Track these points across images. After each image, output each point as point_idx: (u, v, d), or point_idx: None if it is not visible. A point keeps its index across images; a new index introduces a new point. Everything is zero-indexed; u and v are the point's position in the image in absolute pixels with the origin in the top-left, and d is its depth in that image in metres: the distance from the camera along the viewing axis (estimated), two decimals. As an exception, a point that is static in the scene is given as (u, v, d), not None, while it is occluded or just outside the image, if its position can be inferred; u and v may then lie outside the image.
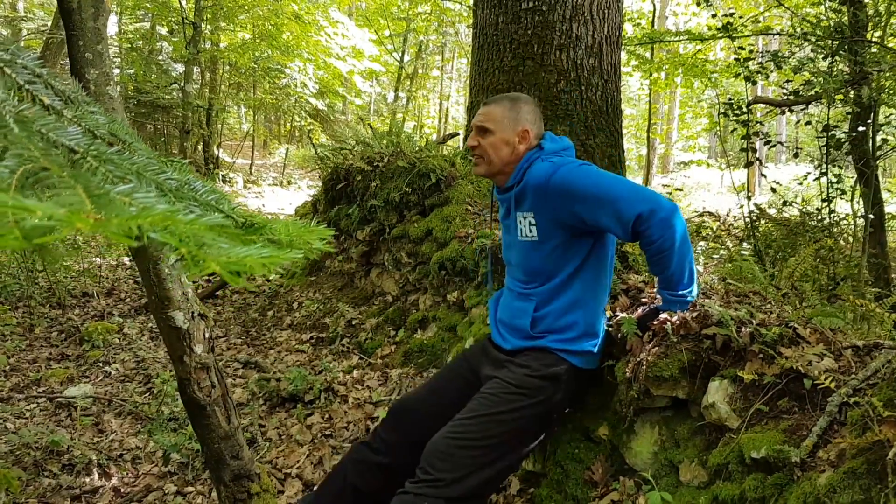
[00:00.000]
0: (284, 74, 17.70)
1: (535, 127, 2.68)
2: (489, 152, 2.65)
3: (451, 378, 2.83)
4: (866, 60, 4.81)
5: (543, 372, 2.52)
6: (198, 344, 2.42)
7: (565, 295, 2.59)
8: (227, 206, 0.93)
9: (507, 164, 2.65)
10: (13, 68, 0.97)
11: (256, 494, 2.60)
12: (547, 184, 2.48)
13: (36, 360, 5.07)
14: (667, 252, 2.42)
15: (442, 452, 2.38)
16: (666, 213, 2.38)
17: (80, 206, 0.56)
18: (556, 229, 2.54)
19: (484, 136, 2.66)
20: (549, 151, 2.63)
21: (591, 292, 2.62)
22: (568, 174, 2.47)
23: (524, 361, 2.57)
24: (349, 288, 6.04)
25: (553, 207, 2.50)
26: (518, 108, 2.67)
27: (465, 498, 2.35)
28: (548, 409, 2.54)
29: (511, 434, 2.45)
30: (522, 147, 2.64)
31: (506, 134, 2.63)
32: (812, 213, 5.05)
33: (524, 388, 2.49)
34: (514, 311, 2.70)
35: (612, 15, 5.11)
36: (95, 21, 2.23)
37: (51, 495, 3.26)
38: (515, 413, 2.46)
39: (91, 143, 0.81)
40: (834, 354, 2.24)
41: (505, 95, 2.75)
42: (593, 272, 2.62)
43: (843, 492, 1.73)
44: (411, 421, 2.71)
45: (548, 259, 2.58)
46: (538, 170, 2.55)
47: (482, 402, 2.49)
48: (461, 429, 2.42)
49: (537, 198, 2.53)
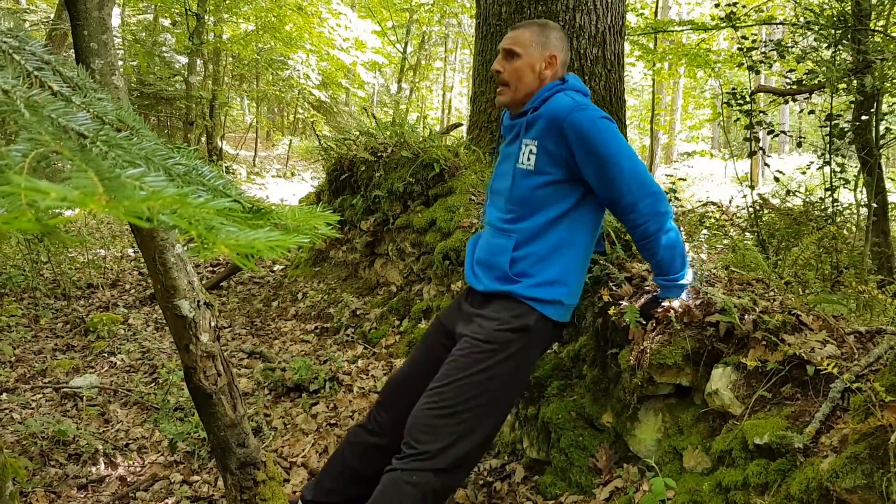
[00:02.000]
0: (287, 66, 17.68)
1: (562, 54, 2.60)
2: (514, 77, 2.57)
3: (428, 345, 2.77)
4: (869, 49, 4.80)
5: (513, 324, 2.46)
6: (203, 333, 2.43)
7: (546, 238, 2.51)
8: (235, 192, 0.94)
9: (531, 89, 2.57)
10: (22, 55, 0.98)
11: (262, 482, 2.61)
12: (565, 118, 2.40)
13: (41, 351, 5.09)
14: (652, 237, 2.40)
15: (423, 424, 2.36)
16: (652, 200, 2.37)
17: (92, 189, 0.57)
18: (553, 164, 2.46)
19: (510, 61, 2.57)
20: (572, 87, 2.56)
21: (572, 242, 2.53)
22: (588, 120, 2.39)
23: (493, 313, 2.50)
24: (353, 278, 6.06)
25: (559, 142, 2.43)
26: (547, 33, 2.58)
27: (452, 468, 2.34)
28: (520, 361, 2.49)
29: (488, 394, 2.41)
30: (548, 73, 2.57)
31: (533, 58, 2.55)
32: (815, 203, 5.04)
33: (494, 343, 2.44)
34: (492, 248, 2.59)
35: (616, 5, 5.10)
36: (100, 11, 2.24)
37: (57, 484, 3.28)
38: (489, 371, 2.41)
39: (100, 129, 0.82)
40: (836, 341, 2.25)
41: (534, 20, 2.65)
42: (579, 224, 2.54)
43: (845, 476, 1.74)
44: (399, 398, 2.68)
45: (537, 191, 2.50)
46: (559, 101, 2.47)
47: (454, 366, 2.44)
48: (437, 397, 2.40)
49: (548, 127, 2.46)
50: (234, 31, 17.02)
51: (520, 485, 3.00)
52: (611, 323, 2.83)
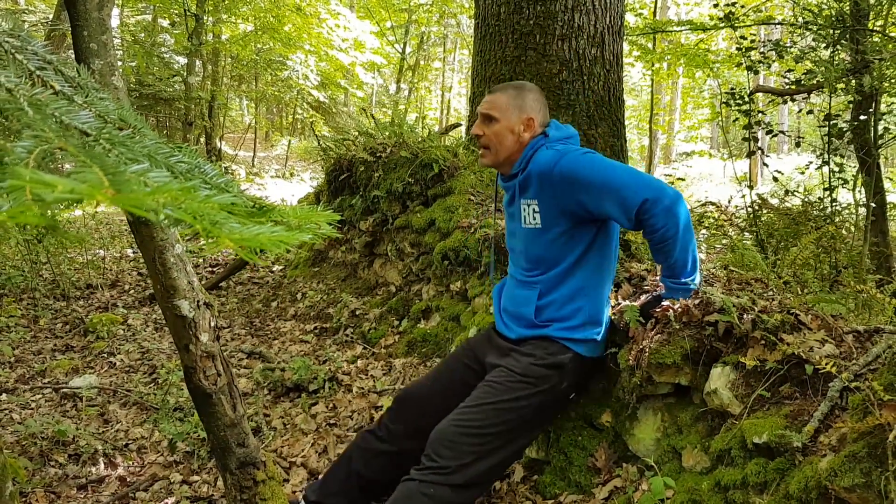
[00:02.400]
0: (286, 66, 17.69)
1: (539, 115, 2.67)
2: (494, 141, 2.65)
3: (455, 367, 2.84)
4: (868, 49, 4.81)
5: (548, 361, 2.54)
6: (203, 333, 2.43)
7: (569, 283, 2.60)
8: (236, 190, 0.95)
9: (512, 152, 2.65)
10: (24, 55, 0.98)
11: (262, 482, 2.62)
12: (552, 171, 2.49)
13: (41, 352, 5.09)
14: (670, 240, 2.43)
15: (447, 440, 2.40)
16: (670, 201, 2.38)
17: (98, 183, 0.58)
18: (560, 217, 2.54)
19: (489, 125, 2.65)
20: (553, 139, 2.63)
21: (594, 280, 2.63)
22: (573, 162, 2.47)
23: (529, 350, 2.59)
24: (353, 278, 6.06)
25: (557, 195, 2.50)
26: (523, 97, 2.66)
27: (469, 485, 2.38)
28: (552, 397, 2.56)
29: (515, 422, 2.48)
30: (527, 135, 2.64)
31: (511, 122, 2.63)
32: (814, 203, 5.05)
33: (529, 377, 2.51)
34: (517, 300, 2.70)
35: (614, 5, 5.11)
36: (100, 11, 2.24)
37: (57, 485, 3.28)
38: (520, 402, 2.48)
39: (103, 127, 0.82)
40: (835, 340, 2.26)
41: (509, 84, 2.74)
42: (597, 260, 2.62)
43: (844, 475, 1.75)
44: (415, 410, 2.73)
45: (551, 246, 2.59)
46: (543, 157, 2.55)
47: (487, 391, 2.50)
48: (466, 417, 2.44)
49: (542, 185, 2.54)
50: (233, 31, 17.02)
51: (519, 484, 3.00)
52: (610, 322, 2.84)
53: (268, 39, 16.05)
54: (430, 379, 2.87)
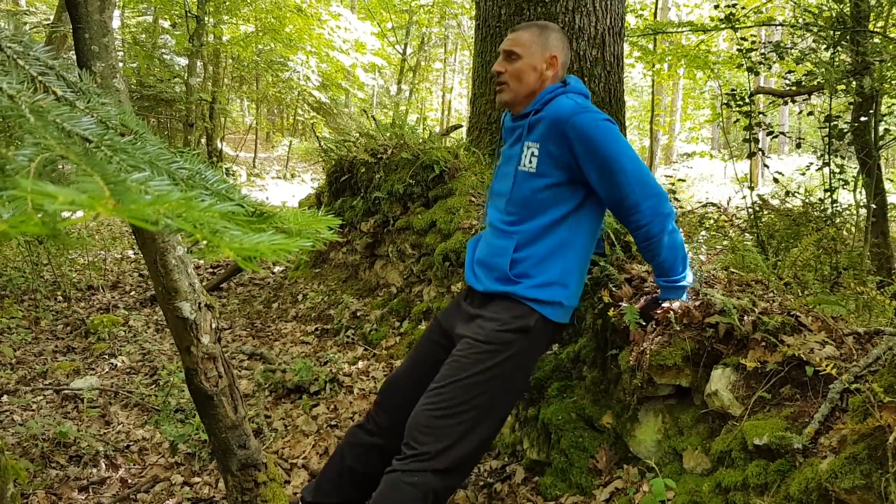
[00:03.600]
0: (287, 68, 17.70)
1: (562, 54, 2.61)
2: (516, 78, 2.57)
3: (428, 346, 2.77)
4: (868, 51, 4.81)
5: (513, 325, 2.46)
6: (205, 334, 2.43)
7: (548, 239, 2.51)
8: (238, 196, 0.95)
9: (533, 90, 2.58)
10: (26, 60, 0.99)
11: (263, 483, 2.62)
12: (567, 121, 2.41)
13: (42, 353, 5.10)
14: (654, 238, 2.41)
15: (423, 425, 2.36)
16: (655, 201, 2.37)
17: (99, 193, 0.58)
18: (556, 167, 2.47)
19: (511, 62, 2.58)
20: (574, 90, 2.57)
21: (572, 245, 2.54)
22: (592, 123, 2.40)
23: (493, 314, 2.51)
24: (353, 279, 6.06)
25: (561, 145, 2.43)
26: (547, 34, 2.59)
27: (454, 467, 2.34)
28: (520, 362, 2.49)
29: (488, 394, 2.41)
30: (550, 73, 2.58)
31: (534, 59, 2.56)
32: (815, 204, 5.05)
33: (494, 343, 2.44)
34: (493, 249, 2.60)
35: (615, 6, 5.11)
36: (101, 14, 2.25)
37: (58, 486, 3.28)
38: (488, 372, 2.41)
39: (104, 133, 0.83)
40: (835, 342, 2.26)
41: (533, 22, 2.67)
42: (579, 227, 2.54)
43: (844, 477, 1.75)
44: (396, 398, 2.68)
45: (538, 194, 2.50)
46: (562, 104, 2.48)
47: (454, 367, 2.44)
48: (437, 398, 2.40)
49: (550, 130, 2.46)
50: (234, 32, 17.03)
51: (520, 486, 3.01)
52: (610, 324, 2.84)
53: (269, 40, 16.05)
54: (406, 364, 2.81)
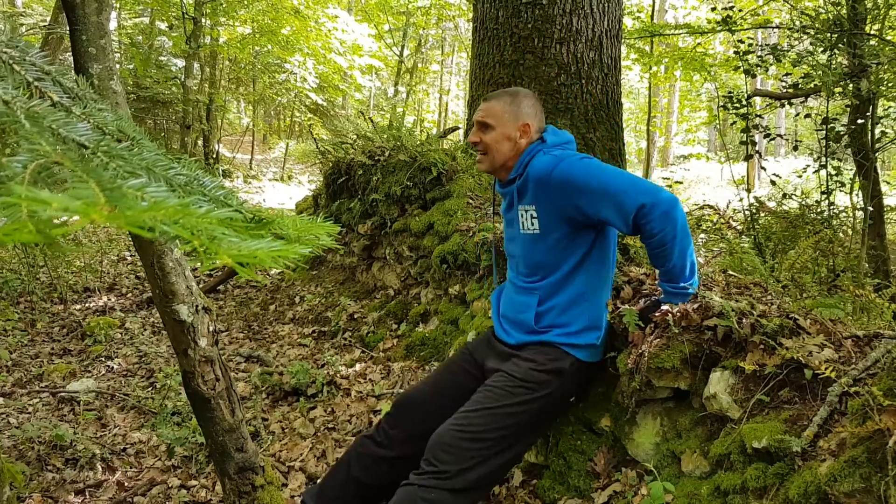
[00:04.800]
0: (284, 69, 17.69)
1: (535, 121, 2.68)
2: (491, 148, 2.66)
3: (454, 371, 2.84)
4: (865, 53, 4.82)
5: (548, 366, 2.54)
6: (202, 337, 2.43)
7: (568, 289, 2.61)
8: (236, 202, 0.95)
9: (508, 158, 2.66)
10: (23, 65, 0.98)
11: (261, 487, 2.61)
12: (549, 177, 2.49)
13: (38, 355, 5.08)
14: (668, 245, 2.43)
15: (447, 444, 2.39)
16: (667, 206, 2.38)
17: (94, 199, 0.57)
18: (558, 222, 2.54)
19: (485, 132, 2.66)
20: (551, 144, 2.64)
21: (593, 285, 2.63)
22: (570, 167, 2.48)
23: (529, 355, 2.58)
24: (351, 282, 6.05)
25: (555, 200, 2.51)
26: (518, 103, 2.67)
27: (469, 489, 2.37)
28: (552, 402, 2.56)
29: (515, 427, 2.47)
30: (524, 141, 2.65)
31: (507, 129, 2.64)
32: (811, 206, 5.05)
33: (529, 382, 2.51)
34: (517, 306, 2.71)
35: (612, 9, 5.11)
36: (98, 16, 2.24)
37: (55, 489, 3.27)
38: (521, 406, 2.47)
39: (101, 140, 0.82)
40: (834, 345, 2.26)
41: (505, 91, 2.75)
42: (596, 265, 2.63)
43: (843, 480, 1.75)
44: (414, 414, 2.72)
45: (550, 252, 2.59)
46: (540, 163, 2.56)
47: (488, 395, 2.50)
48: (466, 421, 2.44)
49: (539, 191, 2.54)
50: (231, 34, 17.01)
51: (518, 489, 3.00)
52: (609, 326, 2.83)
53: (266, 42, 16.04)
54: (429, 383, 2.86)
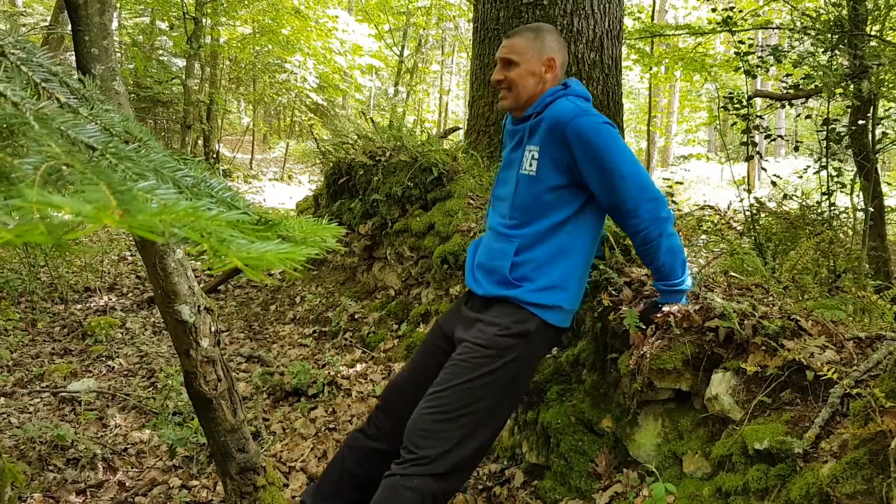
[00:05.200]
0: (284, 69, 17.68)
1: (560, 55, 2.61)
2: (516, 83, 2.57)
3: (429, 350, 2.76)
4: (866, 54, 4.82)
5: (513, 329, 2.46)
6: (204, 338, 2.43)
7: (548, 243, 2.51)
8: (243, 204, 0.95)
9: (534, 94, 2.58)
10: (29, 66, 0.98)
11: (262, 487, 2.62)
12: (567, 124, 2.41)
13: (39, 355, 5.08)
14: (653, 243, 2.40)
15: (422, 429, 2.35)
16: (655, 206, 2.37)
17: (105, 203, 0.58)
18: (555, 169, 2.47)
19: (509, 69, 2.58)
20: (574, 93, 2.56)
21: (574, 248, 2.53)
22: (591, 125, 2.40)
23: (494, 318, 2.50)
24: (351, 282, 6.06)
25: (561, 148, 2.43)
26: (542, 37, 2.59)
27: (452, 471, 2.33)
28: (520, 366, 2.49)
29: (488, 399, 2.41)
30: (549, 76, 2.58)
31: (531, 64, 2.56)
32: (812, 207, 5.06)
33: (494, 348, 2.43)
34: (493, 253, 2.59)
35: (613, 9, 5.11)
36: (101, 16, 2.24)
37: (56, 489, 3.27)
38: (488, 376, 2.41)
39: (109, 141, 0.82)
40: (836, 346, 2.26)
41: (527, 26, 2.66)
42: (581, 227, 2.54)
43: (845, 482, 1.75)
44: (399, 403, 2.67)
45: (539, 198, 2.50)
46: (561, 107, 2.48)
47: (454, 370, 2.44)
48: (437, 402, 2.39)
49: (549, 133, 2.46)
50: (232, 34, 17.01)
51: (519, 489, 3.00)
52: (610, 328, 2.83)
53: (266, 42, 16.04)
54: (407, 368, 2.80)
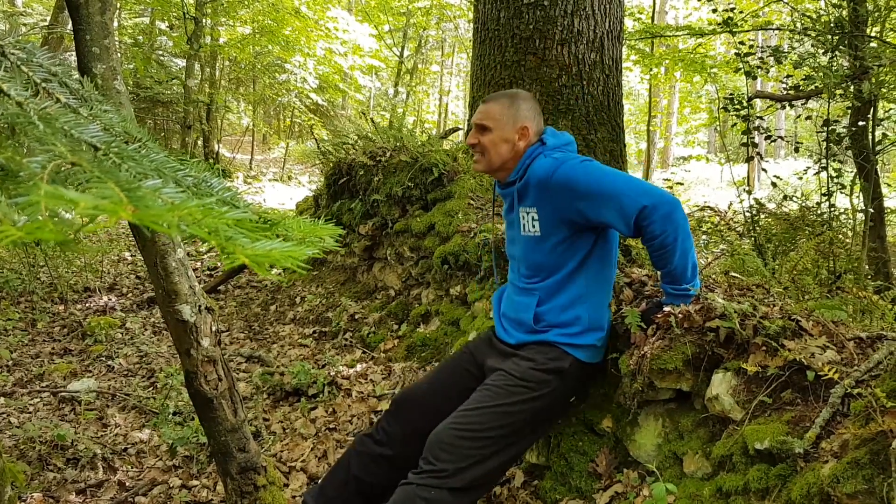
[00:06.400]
0: (284, 70, 17.68)
1: (534, 123, 2.68)
2: (489, 150, 2.66)
3: (454, 369, 2.84)
4: (866, 55, 4.82)
5: (548, 366, 2.54)
6: (205, 337, 2.43)
7: (568, 290, 2.61)
8: (243, 203, 0.95)
9: (506, 160, 2.67)
10: (30, 66, 0.98)
11: (263, 487, 2.62)
12: (549, 180, 2.50)
13: (39, 355, 5.08)
14: (669, 246, 2.43)
15: (445, 443, 2.39)
16: (668, 208, 2.39)
17: (118, 199, 0.58)
18: (559, 225, 2.55)
19: (483, 134, 2.66)
20: (551, 147, 2.64)
21: (594, 287, 2.63)
22: (570, 170, 2.48)
23: (529, 355, 2.58)
24: (352, 282, 6.06)
25: (556, 203, 2.51)
26: (517, 105, 2.67)
27: (468, 488, 2.37)
28: (552, 402, 2.56)
29: (514, 426, 2.47)
30: (522, 144, 2.65)
31: (505, 132, 2.64)
32: (812, 208, 5.06)
33: (529, 382, 2.51)
34: (517, 306, 2.71)
35: (614, 10, 5.11)
36: (102, 16, 2.24)
37: (56, 489, 3.27)
38: (519, 406, 2.47)
39: (112, 141, 0.82)
40: (836, 346, 2.26)
41: (503, 93, 2.75)
42: (597, 267, 2.63)
43: (846, 482, 1.75)
44: (414, 412, 2.72)
45: (551, 254, 2.60)
46: (540, 165, 2.56)
47: (487, 394, 2.50)
48: (465, 420, 2.44)
49: (540, 193, 2.55)
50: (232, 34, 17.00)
51: (520, 489, 3.00)
52: (611, 328, 2.84)
53: (266, 42, 16.03)
54: (428, 382, 2.86)
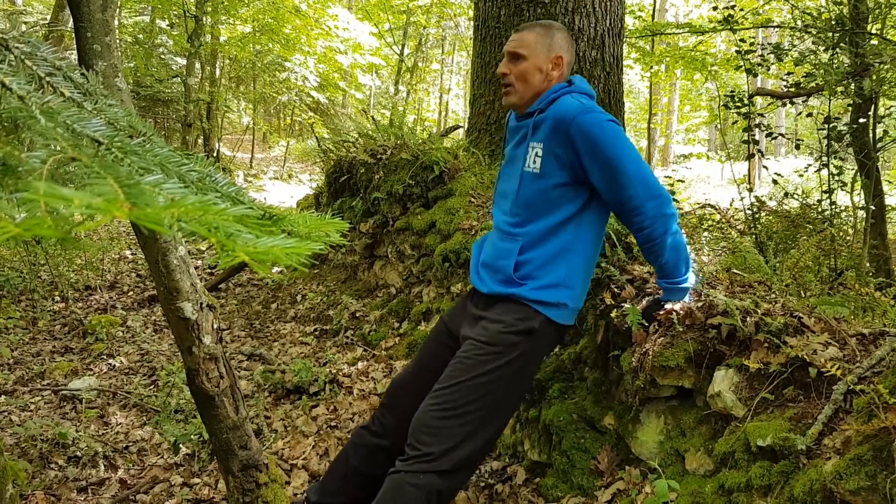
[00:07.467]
0: (285, 68, 17.66)
1: (568, 54, 2.59)
2: (521, 79, 2.55)
3: (434, 347, 2.76)
4: (867, 52, 4.82)
5: (518, 327, 2.45)
6: (206, 335, 2.43)
7: (553, 241, 2.50)
8: (247, 199, 0.95)
9: (539, 90, 2.56)
10: (34, 60, 0.98)
11: (265, 484, 2.61)
12: (571, 121, 2.39)
13: (40, 353, 5.08)
14: (657, 240, 2.40)
15: (427, 426, 2.35)
16: (660, 202, 2.37)
17: (114, 196, 0.57)
18: (559, 168, 2.45)
19: (516, 63, 2.55)
20: (579, 90, 2.55)
21: (578, 246, 2.52)
22: (595, 123, 2.38)
23: (498, 315, 2.49)
24: (353, 280, 6.05)
25: (565, 145, 2.41)
26: (552, 34, 2.56)
27: (457, 468, 2.33)
28: (525, 363, 2.48)
29: (492, 396, 2.41)
30: (555, 73, 2.56)
31: (539, 60, 2.53)
32: (813, 205, 5.06)
33: (498, 345, 2.43)
34: (498, 252, 2.58)
35: (614, 7, 5.11)
36: (104, 13, 2.24)
37: (57, 487, 3.27)
38: (492, 373, 2.40)
39: (115, 135, 0.82)
40: (839, 343, 2.26)
41: (537, 22, 2.64)
42: (585, 225, 2.53)
43: (849, 478, 1.75)
44: (403, 399, 2.67)
45: (543, 195, 2.49)
46: (566, 104, 2.46)
47: (459, 367, 2.44)
48: (442, 399, 2.39)
49: (554, 130, 2.44)
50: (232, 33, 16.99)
51: (521, 487, 3.00)
52: (613, 325, 2.83)
53: (267, 41, 16.02)
54: (413, 365, 2.80)
